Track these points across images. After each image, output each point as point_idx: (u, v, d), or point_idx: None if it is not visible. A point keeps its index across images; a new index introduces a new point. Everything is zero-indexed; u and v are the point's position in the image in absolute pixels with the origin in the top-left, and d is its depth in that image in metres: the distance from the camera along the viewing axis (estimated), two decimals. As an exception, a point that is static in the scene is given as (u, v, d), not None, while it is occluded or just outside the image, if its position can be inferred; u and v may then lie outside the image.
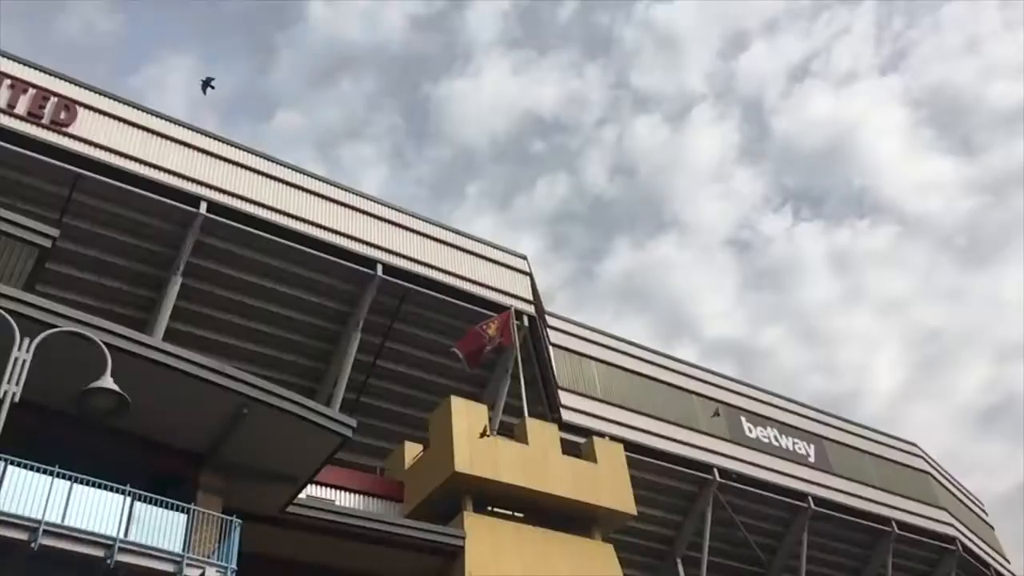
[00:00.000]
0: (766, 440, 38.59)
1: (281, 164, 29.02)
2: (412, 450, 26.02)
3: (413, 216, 31.26)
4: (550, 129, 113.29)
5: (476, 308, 30.03)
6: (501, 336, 27.82)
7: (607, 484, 26.48)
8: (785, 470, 37.81)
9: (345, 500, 23.58)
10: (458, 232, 32.40)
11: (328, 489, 23.23)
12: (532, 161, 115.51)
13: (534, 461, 25.28)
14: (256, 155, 28.51)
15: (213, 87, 30.45)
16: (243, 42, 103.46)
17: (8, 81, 24.19)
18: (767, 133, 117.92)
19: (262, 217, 26.94)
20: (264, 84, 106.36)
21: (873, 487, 41.05)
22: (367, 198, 30.61)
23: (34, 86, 24.60)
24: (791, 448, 39.36)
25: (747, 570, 37.97)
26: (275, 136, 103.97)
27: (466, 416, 24.91)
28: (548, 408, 31.76)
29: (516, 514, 24.74)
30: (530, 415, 27.94)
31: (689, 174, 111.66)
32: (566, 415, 31.71)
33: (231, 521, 16.61)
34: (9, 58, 24.88)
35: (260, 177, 27.84)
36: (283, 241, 27.17)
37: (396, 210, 30.93)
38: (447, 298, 29.93)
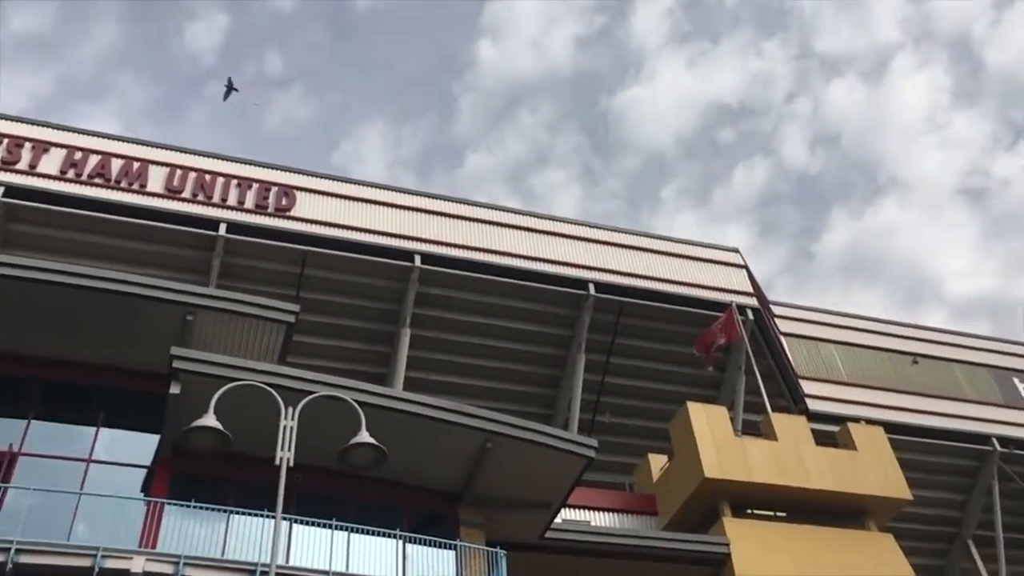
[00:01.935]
0: (1048, 399, 34.43)
1: (480, 205, 30.36)
2: (657, 462, 25.69)
3: (615, 230, 31.49)
4: (737, 115, 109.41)
5: (695, 310, 29.41)
6: (727, 334, 27.04)
7: (872, 471, 24.71)
8: (1079, 429, 33.50)
9: (599, 519, 23.61)
10: (662, 237, 32.19)
11: (581, 511, 23.35)
12: (724, 151, 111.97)
13: (787, 457, 24.09)
14: (456, 201, 29.92)
15: (236, 89, 32.35)
16: (424, 99, 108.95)
17: (235, 181, 26.95)
18: (981, 68, 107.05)
19: (472, 259, 28.03)
20: (450, 132, 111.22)
21: None
22: (567, 221, 31.25)
23: (257, 180, 27.25)
24: (1081, 404, 34.85)
25: (1054, 546, 33.90)
26: (468, 179, 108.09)
27: (707, 420, 24.26)
28: (791, 400, 30.27)
29: (778, 514, 23.65)
30: (773, 409, 26.80)
31: (899, 130, 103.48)
32: (812, 404, 30.03)
33: (496, 552, 17.10)
34: (232, 160, 27.78)
35: (463, 221, 29.06)
36: (495, 278, 28.07)
37: (597, 227, 31.25)
38: (663, 305, 29.53)
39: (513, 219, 30.09)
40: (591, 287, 28.68)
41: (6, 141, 25.34)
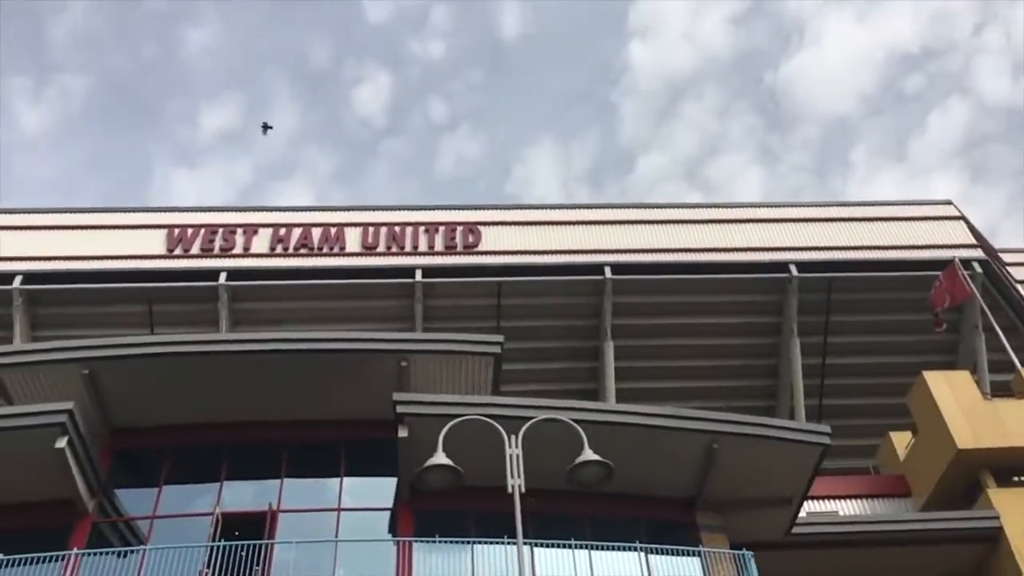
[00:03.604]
0: None
1: (660, 206, 30.36)
2: (900, 440, 23.93)
3: (809, 205, 30.63)
4: (921, 60, 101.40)
5: (914, 273, 27.43)
6: (953, 293, 24.97)
7: None
8: None
9: (848, 508, 22.29)
10: (862, 203, 30.79)
11: (827, 501, 22.16)
12: (913, 100, 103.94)
13: (1050, 414, 21.69)
14: (637, 207, 30.20)
15: (271, 127, 33.38)
16: (586, 112, 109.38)
17: (423, 227, 28.25)
18: None
19: (662, 261, 27.74)
20: (617, 140, 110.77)
21: None
22: (754, 205, 30.69)
23: (442, 223, 28.44)
24: None
25: None
26: (642, 182, 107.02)
27: (949, 387, 22.34)
28: (1043, 352, 27.31)
29: (1051, 479, 21.30)
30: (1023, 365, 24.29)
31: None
32: (1069, 353, 26.95)
33: (743, 555, 16.50)
34: (417, 208, 29.27)
35: (647, 225, 28.92)
36: (689, 276, 27.56)
37: (788, 205, 30.45)
38: (876, 274, 27.77)
39: (697, 214, 29.60)
40: (792, 268, 27.45)
41: (221, 230, 27.96)
